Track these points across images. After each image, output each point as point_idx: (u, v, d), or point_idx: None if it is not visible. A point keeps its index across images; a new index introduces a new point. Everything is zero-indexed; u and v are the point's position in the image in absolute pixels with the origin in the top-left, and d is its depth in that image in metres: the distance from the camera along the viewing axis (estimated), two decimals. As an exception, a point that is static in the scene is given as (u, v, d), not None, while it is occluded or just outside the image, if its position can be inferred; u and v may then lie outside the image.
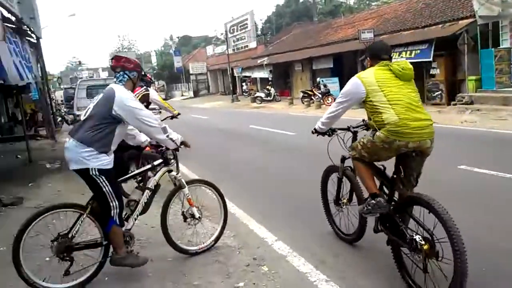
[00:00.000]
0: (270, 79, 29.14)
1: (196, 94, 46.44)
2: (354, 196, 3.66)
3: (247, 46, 37.88)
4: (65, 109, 21.79)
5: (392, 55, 3.25)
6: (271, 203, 5.44)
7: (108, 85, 3.43)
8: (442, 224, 2.56)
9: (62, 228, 3.20)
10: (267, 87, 27.85)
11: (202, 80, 48.20)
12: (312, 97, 21.40)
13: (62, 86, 34.72)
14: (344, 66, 23.39)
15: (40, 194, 6.30)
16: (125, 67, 3.34)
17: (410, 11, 20.89)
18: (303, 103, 21.89)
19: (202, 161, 8.30)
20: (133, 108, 3.15)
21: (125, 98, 3.15)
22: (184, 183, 3.69)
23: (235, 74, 36.34)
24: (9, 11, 7.42)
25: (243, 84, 36.92)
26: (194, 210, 3.74)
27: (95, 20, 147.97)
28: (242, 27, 38.40)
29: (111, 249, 3.31)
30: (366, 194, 3.26)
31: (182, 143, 3.48)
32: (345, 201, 3.79)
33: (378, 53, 3.13)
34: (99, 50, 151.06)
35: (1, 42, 6.02)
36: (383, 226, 3.15)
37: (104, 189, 3.12)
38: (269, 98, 26.51)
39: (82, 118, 3.20)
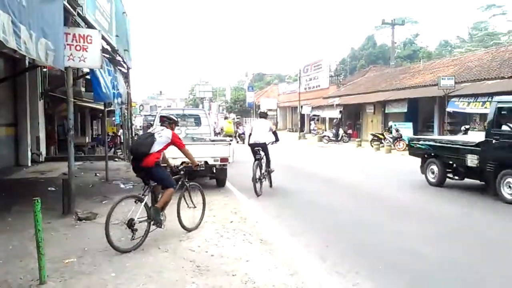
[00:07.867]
0: (339, 119, 28.92)
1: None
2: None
3: (319, 85, 38.15)
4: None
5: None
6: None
7: (185, 115, 3.67)
8: None
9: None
10: (335, 127, 27.62)
11: (272, 116, 49.16)
12: (382, 141, 20.77)
13: (141, 113, 37.25)
14: (419, 112, 22.57)
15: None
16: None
17: (496, 60, 19.82)
18: (372, 146, 21.27)
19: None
20: None
21: None
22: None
23: (304, 112, 36.60)
24: (108, 43, 8.26)
25: (312, 122, 36.96)
26: None
27: (178, 55, 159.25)
28: (316, 67, 38.87)
29: None
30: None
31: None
32: None
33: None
34: (178, 82, 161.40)
35: (98, 69, 6.66)
36: None
37: None
38: (336, 139, 26.17)
39: None
